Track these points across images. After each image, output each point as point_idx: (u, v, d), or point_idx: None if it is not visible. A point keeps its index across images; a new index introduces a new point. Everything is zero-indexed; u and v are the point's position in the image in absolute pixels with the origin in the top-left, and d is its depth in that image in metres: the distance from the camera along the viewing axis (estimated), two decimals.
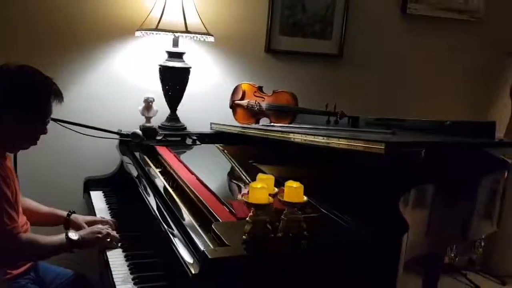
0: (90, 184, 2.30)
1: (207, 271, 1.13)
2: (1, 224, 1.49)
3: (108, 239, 1.69)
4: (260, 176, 1.36)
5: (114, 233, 1.73)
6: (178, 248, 1.31)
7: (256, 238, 1.21)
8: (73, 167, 2.42)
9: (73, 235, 1.64)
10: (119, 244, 1.71)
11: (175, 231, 1.42)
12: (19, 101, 1.57)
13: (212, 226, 1.33)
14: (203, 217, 1.47)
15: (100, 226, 1.76)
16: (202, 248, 1.22)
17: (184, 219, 1.46)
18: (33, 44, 2.28)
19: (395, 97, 2.96)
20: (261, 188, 1.23)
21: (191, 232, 1.35)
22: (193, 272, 1.18)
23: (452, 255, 3.24)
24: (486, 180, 2.06)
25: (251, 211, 1.23)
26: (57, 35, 2.31)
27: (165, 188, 1.75)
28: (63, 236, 1.63)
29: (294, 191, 1.26)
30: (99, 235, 1.68)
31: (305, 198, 1.28)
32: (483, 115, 3.13)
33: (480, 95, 3.19)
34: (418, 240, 1.73)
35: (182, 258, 1.25)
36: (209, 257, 1.12)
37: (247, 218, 1.23)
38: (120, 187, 2.21)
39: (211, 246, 1.26)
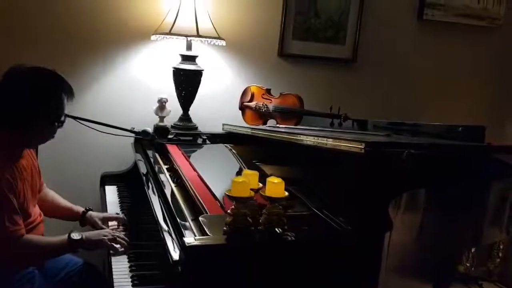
0: (106, 179, 2.42)
1: (185, 258, 1.21)
2: (2, 228, 1.54)
3: (114, 243, 1.70)
4: (245, 171, 1.43)
5: (121, 238, 1.73)
6: (166, 239, 1.39)
7: (236, 230, 1.28)
8: (91, 162, 2.55)
9: (76, 235, 1.67)
10: (123, 250, 1.70)
11: (169, 223, 1.50)
12: (31, 103, 1.60)
13: (199, 218, 1.41)
14: (198, 211, 1.54)
15: (107, 229, 1.81)
16: (185, 237, 1.29)
17: (178, 212, 1.54)
18: (58, 47, 2.42)
19: (410, 103, 2.97)
20: (242, 182, 1.29)
21: (180, 224, 1.43)
22: (174, 258, 1.25)
23: (468, 264, 3.18)
24: (493, 186, 2.04)
25: (233, 204, 1.30)
26: (79, 39, 2.45)
27: (167, 183, 1.84)
28: (65, 236, 1.67)
29: (275, 186, 1.32)
30: (104, 238, 1.70)
31: (286, 193, 1.33)
32: (500, 122, 3.08)
33: (498, 102, 3.15)
34: (410, 243, 1.75)
35: (168, 247, 1.34)
36: (186, 244, 1.19)
37: (228, 211, 1.30)
38: (133, 183, 2.32)
39: (196, 236, 1.34)
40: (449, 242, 1.99)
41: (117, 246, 1.71)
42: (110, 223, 1.96)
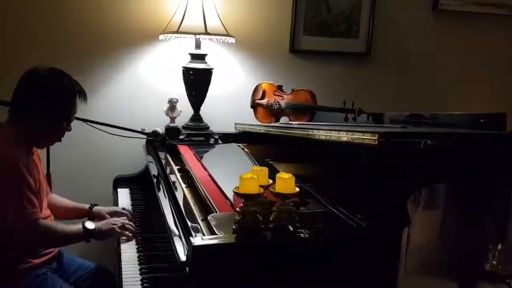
0: (119, 182, 2.40)
1: (192, 258, 1.16)
2: (21, 208, 1.56)
3: (123, 230, 1.78)
4: (254, 168, 1.38)
5: (129, 225, 1.81)
6: (175, 239, 1.35)
7: (245, 228, 1.23)
8: (104, 165, 2.53)
9: (90, 224, 1.74)
10: (132, 236, 1.78)
11: (177, 224, 1.46)
12: (46, 102, 1.67)
13: (208, 217, 1.36)
14: (208, 211, 1.50)
15: (116, 218, 1.86)
16: (192, 237, 1.25)
17: (187, 213, 1.49)
18: (65, 49, 2.41)
19: (426, 95, 2.87)
20: (250, 178, 1.24)
21: (189, 224, 1.39)
22: (181, 260, 1.21)
23: (494, 262, 3.07)
24: None
25: (242, 202, 1.25)
26: (87, 41, 2.43)
27: (178, 184, 1.80)
28: (80, 225, 1.72)
29: (285, 182, 1.27)
30: (114, 226, 1.78)
31: (296, 189, 1.28)
32: None
33: None
34: (430, 240, 1.68)
35: (176, 248, 1.29)
36: (193, 244, 1.15)
37: (237, 209, 1.25)
38: (146, 185, 2.29)
39: (205, 236, 1.29)
40: (472, 238, 1.92)
41: (126, 232, 1.78)
42: None
